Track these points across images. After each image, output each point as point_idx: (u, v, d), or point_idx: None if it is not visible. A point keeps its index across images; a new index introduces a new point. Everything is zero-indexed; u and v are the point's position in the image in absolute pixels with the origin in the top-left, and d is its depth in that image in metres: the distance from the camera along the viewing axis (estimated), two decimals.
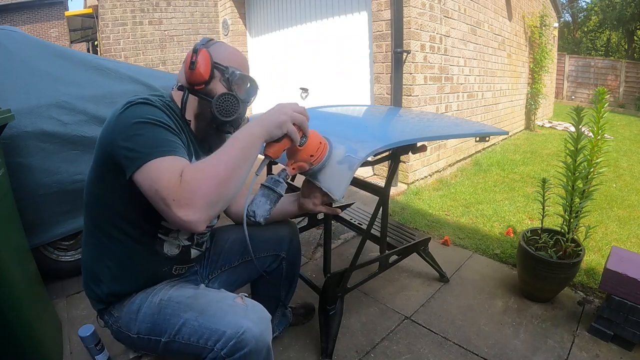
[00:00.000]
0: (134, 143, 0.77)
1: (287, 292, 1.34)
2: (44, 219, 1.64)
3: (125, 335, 0.92)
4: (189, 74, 0.93)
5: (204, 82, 0.93)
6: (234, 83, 0.96)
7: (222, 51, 0.97)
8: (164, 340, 0.85)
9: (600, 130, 1.65)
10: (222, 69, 0.95)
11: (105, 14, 5.28)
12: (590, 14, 18.37)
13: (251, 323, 0.80)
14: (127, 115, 0.80)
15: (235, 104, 0.94)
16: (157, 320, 0.86)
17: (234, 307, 0.84)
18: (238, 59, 0.99)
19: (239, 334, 0.78)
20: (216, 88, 0.95)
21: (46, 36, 12.32)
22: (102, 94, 1.80)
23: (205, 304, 0.85)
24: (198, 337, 0.81)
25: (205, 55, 0.93)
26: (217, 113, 0.92)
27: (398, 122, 1.71)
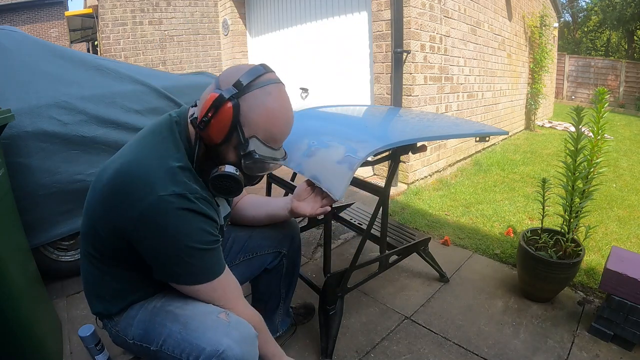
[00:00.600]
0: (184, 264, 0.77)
1: (287, 290, 1.34)
2: (44, 219, 1.64)
3: (122, 340, 0.91)
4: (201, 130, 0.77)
5: (214, 144, 0.79)
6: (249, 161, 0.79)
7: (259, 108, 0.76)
8: (152, 349, 0.84)
9: (600, 130, 1.65)
10: (241, 141, 0.77)
11: (105, 14, 5.28)
12: (590, 14, 18.37)
13: (232, 342, 0.77)
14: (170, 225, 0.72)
15: (234, 187, 0.81)
16: (148, 327, 0.86)
17: (216, 322, 0.80)
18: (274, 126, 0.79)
19: (219, 352, 0.75)
20: (227, 153, 0.80)
21: (46, 36, 12.32)
22: (102, 94, 1.79)
23: (190, 317, 0.83)
24: (180, 350, 0.80)
25: (227, 117, 0.74)
26: (213, 189, 0.81)
27: (398, 122, 1.71)
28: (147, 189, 0.71)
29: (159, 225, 0.72)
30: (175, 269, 0.77)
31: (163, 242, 0.74)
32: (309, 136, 1.21)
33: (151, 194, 0.71)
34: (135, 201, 0.72)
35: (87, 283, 0.93)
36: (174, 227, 0.72)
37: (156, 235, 0.73)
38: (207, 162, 0.83)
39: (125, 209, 0.73)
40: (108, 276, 0.88)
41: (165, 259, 0.76)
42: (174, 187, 0.73)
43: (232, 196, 0.84)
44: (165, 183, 0.73)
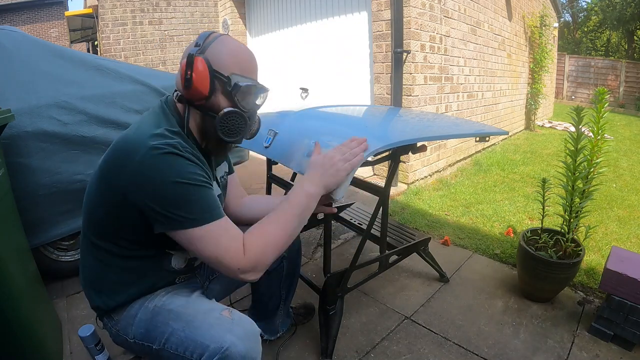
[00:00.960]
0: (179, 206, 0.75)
1: (287, 292, 1.34)
2: (44, 219, 1.64)
3: (123, 339, 0.91)
4: (186, 91, 0.84)
5: (204, 97, 0.84)
6: (239, 94, 0.86)
7: (223, 52, 0.85)
8: (155, 348, 0.84)
9: (600, 130, 1.65)
10: (223, 80, 0.84)
11: (105, 14, 5.28)
12: (590, 14, 18.37)
13: (236, 338, 0.77)
14: (158, 168, 0.75)
15: (241, 122, 0.87)
16: (149, 326, 0.86)
17: (219, 319, 0.81)
18: (242, 60, 0.88)
19: (223, 349, 0.76)
20: (219, 102, 0.86)
21: (46, 36, 12.32)
22: (102, 94, 1.79)
23: (193, 315, 0.83)
24: (184, 348, 0.80)
25: (202, 66, 0.81)
26: (222, 134, 0.85)
27: (398, 122, 1.71)
28: (140, 144, 0.76)
29: (153, 169, 0.75)
30: (177, 212, 0.76)
31: (159, 186, 0.75)
32: (309, 136, 1.21)
33: (143, 147, 0.75)
34: (130, 157, 0.76)
35: (86, 277, 0.93)
36: (168, 168, 0.75)
37: (152, 180, 0.75)
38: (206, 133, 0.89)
39: (123, 168, 0.77)
40: (108, 268, 0.88)
41: (165, 205, 0.75)
42: (165, 139, 0.78)
43: (242, 135, 0.88)
44: (156, 138, 0.78)
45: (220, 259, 0.78)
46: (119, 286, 0.89)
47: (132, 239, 0.86)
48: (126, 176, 0.76)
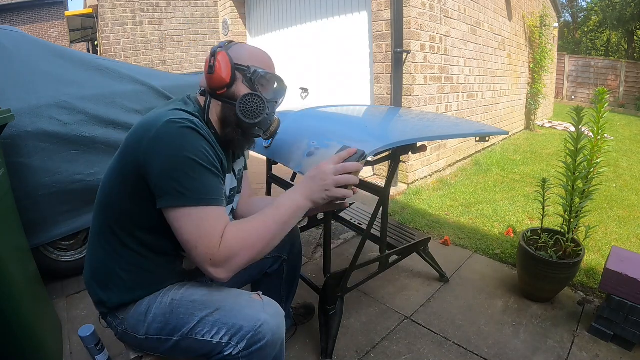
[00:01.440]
0: (180, 180, 0.76)
1: (287, 295, 1.34)
2: (44, 219, 1.64)
3: (131, 337, 0.90)
4: (209, 78, 0.89)
5: (226, 85, 0.89)
6: (258, 83, 0.91)
7: (243, 51, 0.92)
8: (175, 339, 0.85)
9: (600, 130, 1.65)
10: (244, 69, 0.90)
11: (105, 14, 5.28)
12: (590, 14, 18.37)
13: (268, 316, 0.82)
14: (172, 138, 0.77)
15: (260, 104, 0.90)
16: (169, 320, 0.85)
17: (251, 302, 0.85)
18: (261, 58, 0.94)
19: (257, 327, 0.79)
20: (239, 90, 0.90)
21: (46, 36, 12.32)
22: (102, 94, 1.79)
23: (221, 300, 0.86)
24: (214, 332, 0.81)
25: (225, 57, 0.88)
26: (242, 115, 0.88)
27: (398, 122, 1.71)
28: (158, 119, 0.79)
29: (166, 139, 0.77)
30: (181, 185, 0.76)
31: (168, 157, 0.76)
32: (309, 136, 1.21)
33: (160, 121, 0.78)
34: (147, 131, 0.78)
35: (93, 271, 0.91)
36: (179, 140, 0.77)
37: (163, 149, 0.76)
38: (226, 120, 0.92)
39: (140, 142, 0.79)
40: (118, 264, 0.87)
41: (169, 176, 0.76)
42: (182, 116, 0.81)
43: (261, 116, 0.90)
44: (174, 113, 0.81)
45: (196, 243, 0.76)
46: (127, 283, 0.88)
47: (149, 227, 0.86)
48: (142, 149, 0.78)
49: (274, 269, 1.26)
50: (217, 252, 0.76)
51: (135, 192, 0.82)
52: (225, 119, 0.92)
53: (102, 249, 0.89)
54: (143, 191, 0.80)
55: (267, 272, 1.26)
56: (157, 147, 0.77)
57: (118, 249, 0.87)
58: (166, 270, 0.92)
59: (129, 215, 0.86)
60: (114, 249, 0.87)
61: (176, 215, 0.77)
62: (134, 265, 0.88)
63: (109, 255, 0.88)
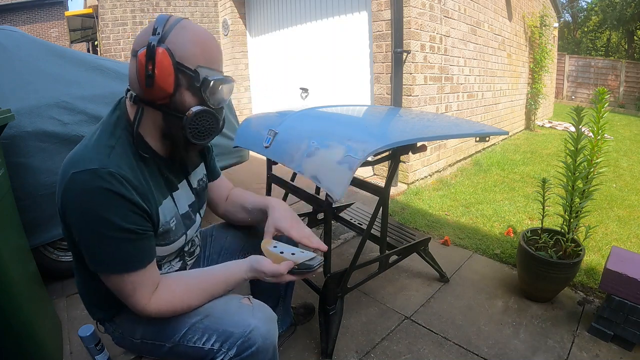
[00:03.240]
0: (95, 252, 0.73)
1: (286, 288, 1.34)
2: (44, 219, 1.64)
3: (128, 341, 0.91)
4: (146, 90, 0.73)
5: (168, 96, 0.74)
6: (208, 90, 0.77)
7: (186, 41, 0.74)
8: (168, 345, 0.85)
9: (600, 130, 1.64)
10: (190, 75, 0.75)
11: (105, 14, 5.28)
12: (590, 14, 18.37)
13: (258, 322, 0.81)
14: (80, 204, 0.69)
15: (213, 122, 0.79)
16: (162, 325, 0.85)
17: (241, 307, 0.84)
18: (208, 50, 0.77)
19: (247, 332, 0.79)
20: (184, 99, 0.76)
21: (46, 36, 12.32)
22: (102, 94, 1.80)
23: (210, 306, 0.85)
24: (205, 339, 0.81)
25: (165, 59, 0.71)
26: (192, 138, 0.78)
27: (398, 122, 1.71)
28: (66, 169, 0.71)
29: (71, 204, 0.71)
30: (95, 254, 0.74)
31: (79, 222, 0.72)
32: (309, 136, 1.21)
33: (67, 174, 0.70)
34: (60, 180, 0.72)
35: (81, 293, 0.92)
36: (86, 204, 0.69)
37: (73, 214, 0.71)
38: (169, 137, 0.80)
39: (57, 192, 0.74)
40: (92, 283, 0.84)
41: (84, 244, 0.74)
42: (88, 164, 0.70)
43: (214, 135, 0.81)
44: (81, 162, 0.70)
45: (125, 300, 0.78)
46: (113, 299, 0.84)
47: None
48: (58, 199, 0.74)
49: None
50: (144, 310, 0.78)
51: None
52: (168, 134, 0.80)
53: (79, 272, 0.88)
54: None
55: None
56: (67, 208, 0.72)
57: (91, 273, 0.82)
58: None
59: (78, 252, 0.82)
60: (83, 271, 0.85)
61: (101, 275, 0.77)
62: None
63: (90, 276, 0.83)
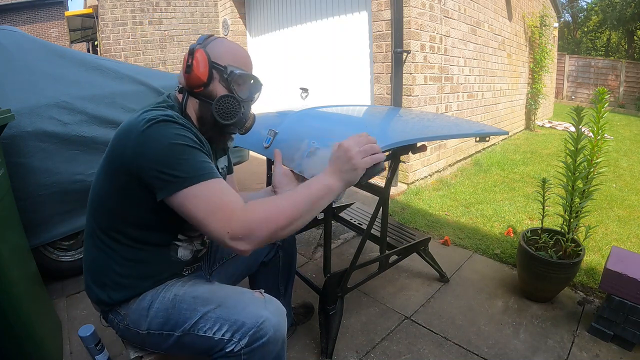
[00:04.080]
0: (174, 166, 0.76)
1: (286, 285, 1.35)
2: (44, 219, 1.64)
3: (133, 332, 0.91)
4: (186, 77, 0.91)
5: (203, 84, 0.91)
6: (234, 82, 0.92)
7: (221, 49, 0.93)
8: (177, 335, 0.85)
9: (600, 130, 1.64)
10: (221, 69, 0.91)
11: (105, 14, 5.28)
12: (590, 14, 18.37)
13: (270, 314, 0.82)
14: (155, 135, 0.78)
15: (235, 105, 0.92)
16: (171, 314, 0.86)
17: (254, 299, 0.86)
18: (238, 56, 0.95)
19: (259, 323, 0.80)
20: (216, 89, 0.92)
21: (46, 36, 12.32)
22: (102, 94, 1.80)
23: (223, 297, 0.87)
24: (216, 329, 0.82)
25: (202, 56, 0.89)
26: (218, 116, 0.91)
27: (398, 122, 1.71)
28: (138, 121, 0.81)
29: (150, 137, 0.78)
30: (173, 172, 0.76)
31: (156, 150, 0.77)
32: (309, 136, 1.21)
33: (140, 123, 0.80)
34: (130, 134, 0.80)
35: (90, 272, 0.92)
36: (161, 132, 0.79)
37: (149, 146, 0.78)
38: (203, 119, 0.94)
39: (125, 146, 0.81)
40: (113, 260, 0.88)
41: (161, 166, 0.77)
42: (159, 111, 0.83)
43: (236, 117, 0.92)
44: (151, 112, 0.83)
45: (209, 220, 0.75)
46: (123, 278, 0.89)
47: (140, 224, 0.88)
48: (129, 153, 0.79)
49: (270, 257, 1.27)
50: (235, 225, 0.74)
51: (126, 193, 0.84)
52: (202, 117, 0.94)
53: (96, 247, 0.90)
54: (134, 189, 0.82)
55: (263, 261, 1.27)
56: (143, 148, 0.78)
57: (111, 245, 0.88)
58: (161, 259, 0.93)
59: (118, 214, 0.87)
60: (108, 245, 0.89)
61: (181, 200, 0.77)
62: (129, 259, 0.89)
63: (103, 252, 0.89)
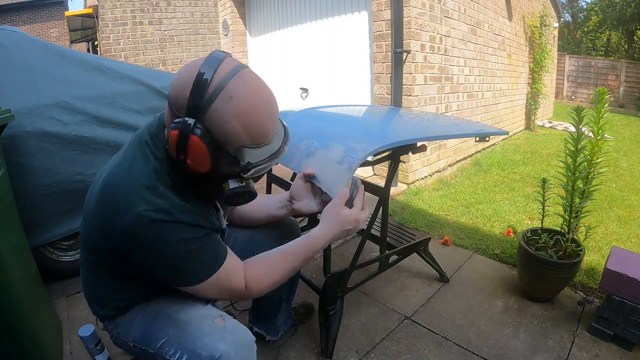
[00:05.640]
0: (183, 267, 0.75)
1: (289, 290, 1.34)
2: (44, 219, 1.64)
3: (123, 342, 0.91)
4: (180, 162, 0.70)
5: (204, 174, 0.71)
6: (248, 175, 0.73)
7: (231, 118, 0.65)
8: (151, 352, 0.84)
9: (600, 130, 1.64)
10: (230, 159, 0.70)
11: (105, 14, 5.28)
12: (590, 14, 18.38)
13: (229, 347, 0.76)
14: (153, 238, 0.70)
15: (249, 196, 0.80)
16: (147, 330, 0.85)
17: (212, 327, 0.80)
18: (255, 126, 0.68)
19: (215, 358, 0.75)
20: (223, 171, 0.73)
21: (46, 36, 12.32)
22: (102, 94, 1.79)
23: (186, 322, 0.82)
24: (178, 355, 0.79)
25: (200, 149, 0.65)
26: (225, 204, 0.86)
27: (398, 122, 1.71)
28: (128, 206, 0.70)
29: (143, 239, 0.71)
30: (183, 269, 0.76)
31: (155, 254, 0.73)
32: (308, 136, 1.21)
33: (132, 210, 0.69)
34: (117, 218, 0.70)
35: (86, 291, 0.92)
36: (157, 238, 0.71)
37: (144, 248, 0.72)
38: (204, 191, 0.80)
39: (112, 224, 0.72)
40: (105, 285, 0.87)
41: (166, 268, 0.75)
42: (152, 202, 0.70)
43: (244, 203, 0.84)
44: (144, 199, 0.70)
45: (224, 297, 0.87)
46: (119, 301, 0.89)
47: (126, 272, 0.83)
48: (115, 239, 0.72)
49: None
50: (245, 294, 0.84)
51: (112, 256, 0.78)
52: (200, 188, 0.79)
53: (89, 271, 0.88)
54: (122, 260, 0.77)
55: None
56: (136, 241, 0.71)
57: (103, 277, 0.86)
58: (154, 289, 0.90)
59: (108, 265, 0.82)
60: (100, 276, 0.86)
61: (195, 290, 0.79)
62: (123, 290, 0.87)
63: (97, 277, 0.87)
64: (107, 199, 0.73)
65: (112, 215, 0.71)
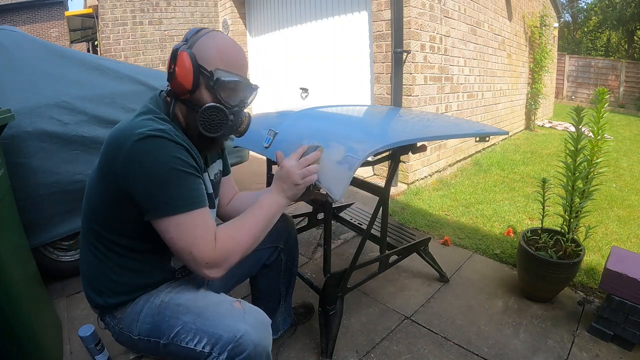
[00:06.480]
0: (164, 191, 0.76)
1: (287, 287, 1.34)
2: (44, 219, 1.64)
3: (127, 337, 0.91)
4: (170, 83, 0.86)
5: (188, 91, 0.84)
6: (222, 90, 0.86)
7: (209, 49, 0.85)
8: (162, 343, 0.85)
9: (600, 130, 1.64)
10: (206, 75, 0.84)
11: (105, 14, 5.28)
12: (590, 14, 18.37)
13: (249, 327, 0.79)
14: (148, 155, 0.76)
15: (222, 117, 0.86)
16: (156, 321, 0.86)
17: (231, 310, 0.83)
18: (228, 57, 0.87)
19: (237, 338, 0.77)
20: (203, 96, 0.86)
21: (46, 36, 12.32)
22: (102, 94, 1.80)
23: (203, 307, 0.85)
24: (196, 341, 0.80)
25: (186, 62, 0.82)
26: (203, 129, 0.85)
27: (398, 122, 1.71)
28: (130, 132, 0.77)
29: (141, 154, 0.76)
30: (165, 195, 0.77)
31: (147, 172, 0.76)
32: (309, 136, 1.21)
33: (133, 134, 0.76)
34: (121, 146, 0.77)
35: (85, 277, 0.93)
36: (154, 153, 0.76)
37: (140, 165, 0.76)
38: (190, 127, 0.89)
39: (115, 157, 0.78)
40: (107, 267, 0.88)
41: (152, 190, 0.77)
42: (153, 124, 0.79)
43: (223, 130, 0.88)
44: (144, 126, 0.79)
45: (191, 248, 0.78)
46: (119, 285, 0.89)
47: (133, 234, 0.86)
48: (119, 165, 0.77)
49: (272, 260, 1.27)
50: (213, 255, 0.79)
51: (116, 203, 0.82)
52: (189, 125, 0.89)
53: (91, 253, 0.89)
54: (124, 203, 0.80)
55: (265, 263, 1.26)
56: (133, 164, 0.76)
57: (105, 252, 0.88)
58: (155, 268, 0.92)
59: (111, 224, 0.86)
60: (102, 252, 0.88)
61: (166, 225, 0.78)
62: (123, 267, 0.88)
63: (98, 259, 0.88)
64: (110, 143, 0.81)
65: (116, 148, 0.78)
